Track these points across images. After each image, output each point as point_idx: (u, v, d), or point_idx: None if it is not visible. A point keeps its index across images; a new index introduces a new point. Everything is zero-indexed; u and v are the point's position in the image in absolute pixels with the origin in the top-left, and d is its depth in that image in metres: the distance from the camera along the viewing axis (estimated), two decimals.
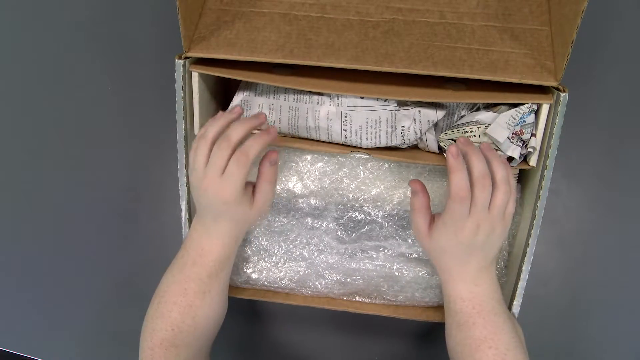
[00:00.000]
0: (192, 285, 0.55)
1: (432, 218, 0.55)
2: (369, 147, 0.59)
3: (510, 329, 0.53)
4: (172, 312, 0.55)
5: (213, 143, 0.52)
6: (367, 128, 0.58)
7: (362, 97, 0.58)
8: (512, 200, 0.52)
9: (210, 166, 0.51)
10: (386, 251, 0.64)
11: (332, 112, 0.58)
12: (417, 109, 0.58)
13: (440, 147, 0.60)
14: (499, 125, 0.54)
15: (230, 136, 0.51)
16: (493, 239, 0.52)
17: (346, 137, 0.59)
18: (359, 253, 0.64)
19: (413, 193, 0.55)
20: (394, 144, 0.59)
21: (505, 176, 0.51)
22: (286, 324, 0.77)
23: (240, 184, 0.52)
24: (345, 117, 0.58)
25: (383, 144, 0.59)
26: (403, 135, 0.58)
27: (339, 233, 0.64)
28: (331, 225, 0.64)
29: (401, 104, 0.59)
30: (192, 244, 0.57)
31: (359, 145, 0.59)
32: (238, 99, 0.62)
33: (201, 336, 0.56)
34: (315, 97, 0.59)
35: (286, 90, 0.59)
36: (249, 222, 0.58)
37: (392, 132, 0.58)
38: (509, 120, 0.54)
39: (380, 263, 0.64)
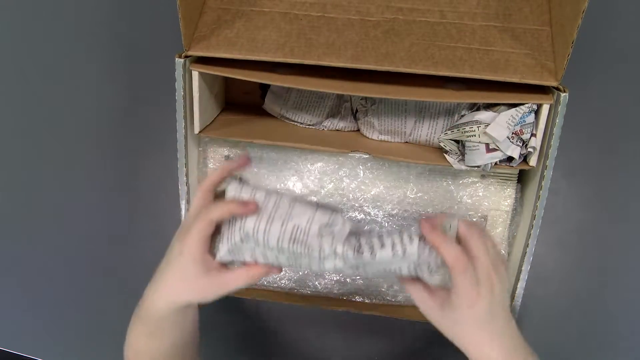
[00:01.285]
0: (138, 328, 0.54)
1: (435, 291, 0.50)
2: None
3: None
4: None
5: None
6: (384, 275, 0.48)
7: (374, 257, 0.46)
8: (493, 245, 0.49)
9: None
10: None
11: (339, 267, 0.46)
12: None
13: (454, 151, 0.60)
14: (499, 124, 0.54)
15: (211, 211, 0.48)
16: (504, 289, 0.48)
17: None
18: None
19: (406, 283, 0.50)
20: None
21: (478, 234, 0.47)
22: (286, 324, 0.77)
23: (200, 235, 0.47)
24: (357, 269, 0.47)
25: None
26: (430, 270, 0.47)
27: None
28: None
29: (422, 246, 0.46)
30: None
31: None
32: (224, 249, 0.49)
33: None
34: (316, 253, 0.45)
35: (279, 243, 0.45)
36: (197, 290, 0.50)
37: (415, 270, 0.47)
38: (509, 119, 0.54)
39: None
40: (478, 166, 0.57)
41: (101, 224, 0.80)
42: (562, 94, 0.52)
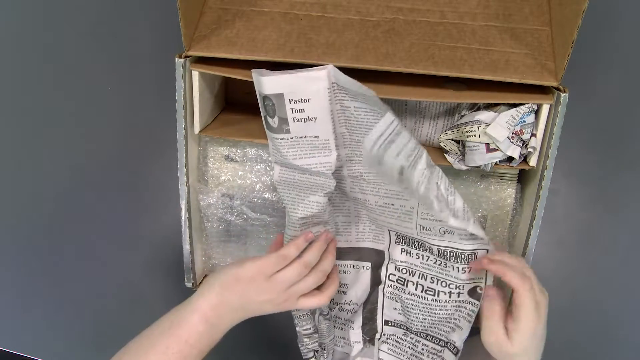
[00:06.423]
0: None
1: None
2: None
3: None
4: None
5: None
6: None
7: None
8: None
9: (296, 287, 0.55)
10: None
11: None
12: None
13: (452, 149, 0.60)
14: (499, 124, 0.54)
15: (309, 262, 0.55)
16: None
17: None
18: None
19: (488, 298, 0.52)
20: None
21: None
22: (286, 324, 0.77)
23: None
24: None
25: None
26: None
27: None
28: None
29: None
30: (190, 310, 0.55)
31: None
32: None
33: None
34: None
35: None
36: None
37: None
38: (509, 119, 0.54)
39: None
40: (478, 166, 0.57)
41: (101, 224, 0.80)
42: (562, 94, 0.52)
